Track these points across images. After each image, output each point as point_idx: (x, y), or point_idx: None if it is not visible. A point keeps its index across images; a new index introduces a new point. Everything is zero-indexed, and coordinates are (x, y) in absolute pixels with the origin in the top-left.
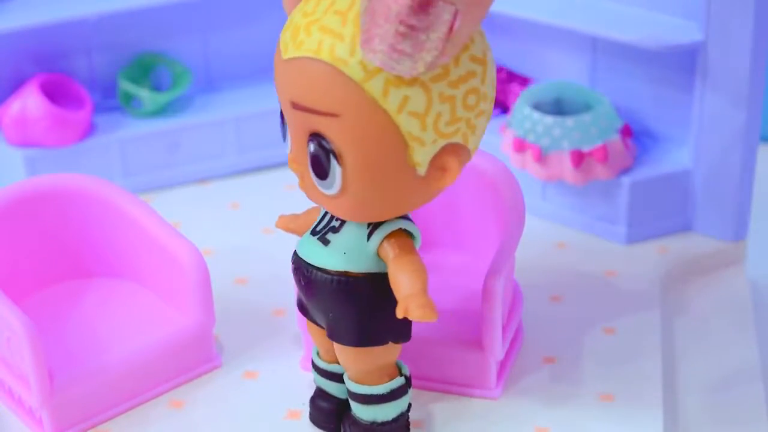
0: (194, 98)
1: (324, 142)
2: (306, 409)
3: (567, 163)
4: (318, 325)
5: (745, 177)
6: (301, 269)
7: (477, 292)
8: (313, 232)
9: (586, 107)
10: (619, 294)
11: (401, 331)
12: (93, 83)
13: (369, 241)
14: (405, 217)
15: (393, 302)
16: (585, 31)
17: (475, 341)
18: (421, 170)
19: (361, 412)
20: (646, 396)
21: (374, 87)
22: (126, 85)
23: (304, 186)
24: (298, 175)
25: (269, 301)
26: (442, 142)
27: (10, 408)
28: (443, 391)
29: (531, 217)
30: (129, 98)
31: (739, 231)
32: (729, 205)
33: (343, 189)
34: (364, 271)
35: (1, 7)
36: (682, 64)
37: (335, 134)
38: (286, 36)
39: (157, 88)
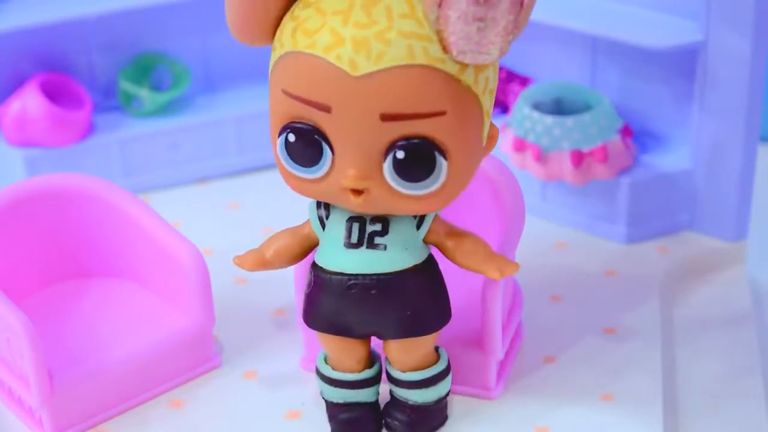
0: (194, 98)
1: (425, 143)
2: (306, 410)
3: (567, 163)
4: (352, 336)
5: (745, 177)
6: (359, 285)
7: (477, 291)
8: (351, 245)
9: (586, 107)
10: (619, 294)
11: (446, 311)
12: (93, 83)
13: (419, 230)
14: None
15: (439, 285)
16: (585, 31)
17: (475, 341)
18: (485, 141)
19: (425, 396)
20: (646, 395)
21: (468, 77)
22: (126, 85)
23: (367, 199)
24: (345, 193)
25: (269, 301)
26: (491, 111)
27: (10, 408)
28: None
29: (531, 217)
30: (129, 98)
31: (739, 231)
32: (729, 205)
33: (447, 182)
34: (422, 260)
35: (1, 7)
36: (683, 64)
37: (441, 131)
38: (343, 52)
39: (157, 87)
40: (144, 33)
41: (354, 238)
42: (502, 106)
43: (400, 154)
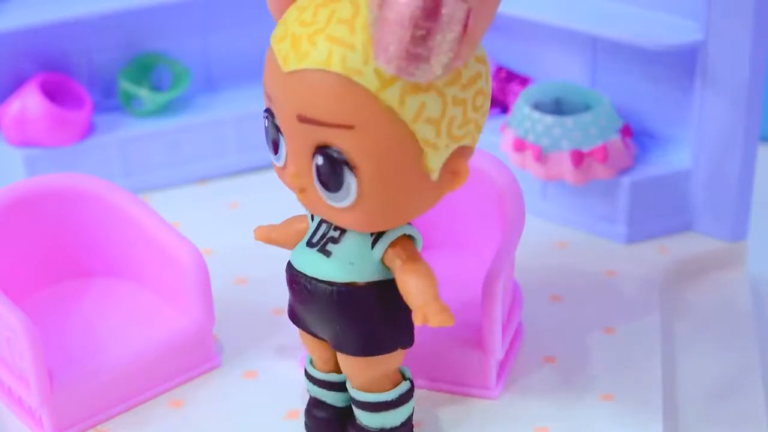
0: (194, 98)
1: (336, 154)
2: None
3: (567, 163)
4: (313, 335)
5: (744, 177)
6: (301, 282)
7: (477, 291)
8: (309, 244)
9: (586, 107)
10: (619, 294)
11: (407, 336)
12: (93, 83)
13: (373, 249)
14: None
15: (399, 309)
16: (585, 31)
17: (475, 341)
18: (435, 176)
19: (368, 419)
20: (645, 395)
21: (390, 96)
22: (126, 85)
23: (306, 199)
24: (296, 189)
25: (269, 300)
26: (453, 146)
27: (10, 408)
28: (443, 390)
29: (531, 217)
30: (129, 98)
31: (739, 231)
32: (729, 205)
33: (358, 201)
34: (369, 280)
35: (0, 7)
36: (682, 64)
37: (349, 146)
38: (283, 47)
39: (157, 87)
40: (144, 33)
41: (315, 238)
42: (502, 106)
43: (319, 161)
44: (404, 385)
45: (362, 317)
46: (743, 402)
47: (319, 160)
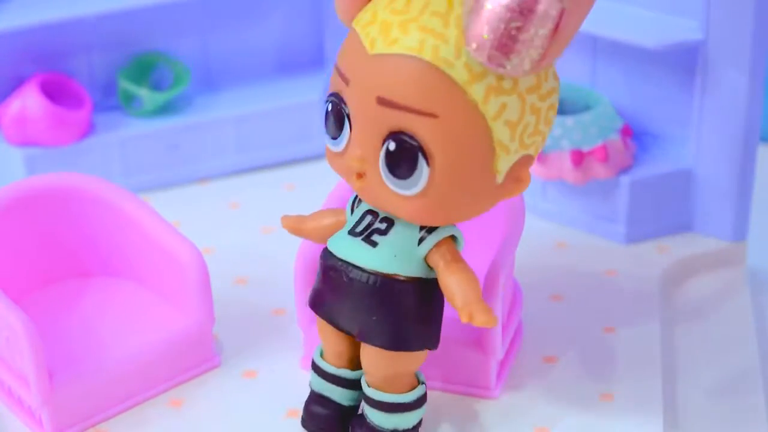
0: (194, 98)
1: (413, 141)
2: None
3: (567, 163)
4: (339, 327)
5: (745, 176)
6: (339, 269)
7: None
8: (353, 233)
9: (586, 107)
10: (619, 293)
11: (433, 337)
12: (93, 82)
13: (420, 246)
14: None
15: (432, 309)
16: (585, 31)
17: (475, 341)
18: (500, 178)
19: (381, 420)
20: (645, 395)
21: (477, 91)
22: (126, 85)
23: (363, 185)
24: (353, 174)
25: (269, 300)
26: (522, 153)
27: (10, 408)
28: (443, 390)
29: (531, 217)
30: (129, 97)
31: (739, 231)
32: (729, 205)
33: (426, 190)
34: (411, 275)
35: (0, 7)
36: (682, 64)
37: (428, 134)
38: (371, 31)
39: (156, 87)
40: (144, 32)
41: (359, 228)
42: None
43: (392, 146)
44: (421, 389)
45: (397, 311)
46: (743, 401)
47: (392, 145)
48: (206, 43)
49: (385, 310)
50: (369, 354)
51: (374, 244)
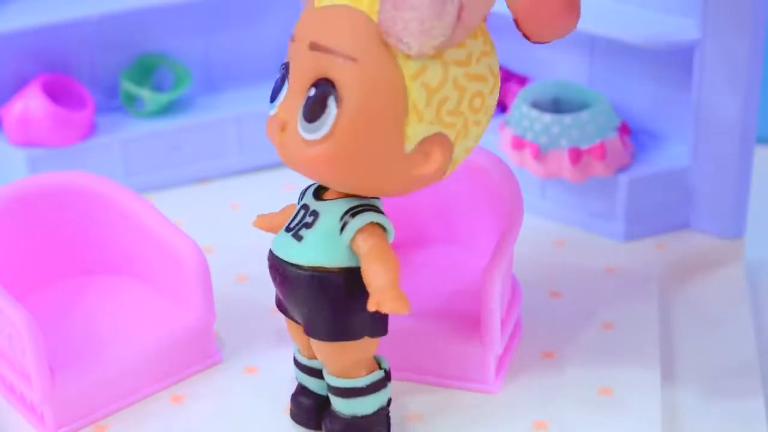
0: (195, 98)
1: (328, 86)
2: None
3: (565, 161)
4: (295, 321)
5: (742, 174)
6: (276, 266)
7: (476, 287)
8: (287, 229)
9: (584, 105)
10: (618, 290)
11: (377, 325)
12: (95, 83)
13: (342, 234)
14: (377, 211)
15: (367, 296)
16: (583, 30)
17: (474, 335)
18: (409, 146)
19: (341, 405)
20: (644, 390)
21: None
22: (128, 86)
23: (282, 140)
24: (277, 128)
25: (269, 297)
26: (436, 128)
27: (12, 404)
28: (442, 385)
29: (529, 215)
30: (131, 98)
31: (736, 228)
32: (727, 202)
33: (331, 132)
34: (338, 266)
35: (3, 8)
36: (680, 62)
37: (344, 78)
38: None
39: (158, 88)
40: (145, 34)
41: (293, 224)
42: (500, 104)
43: (311, 92)
44: (376, 374)
45: (330, 302)
46: (741, 398)
47: (312, 92)
48: (208, 45)
49: (319, 303)
50: (316, 346)
51: (300, 238)
